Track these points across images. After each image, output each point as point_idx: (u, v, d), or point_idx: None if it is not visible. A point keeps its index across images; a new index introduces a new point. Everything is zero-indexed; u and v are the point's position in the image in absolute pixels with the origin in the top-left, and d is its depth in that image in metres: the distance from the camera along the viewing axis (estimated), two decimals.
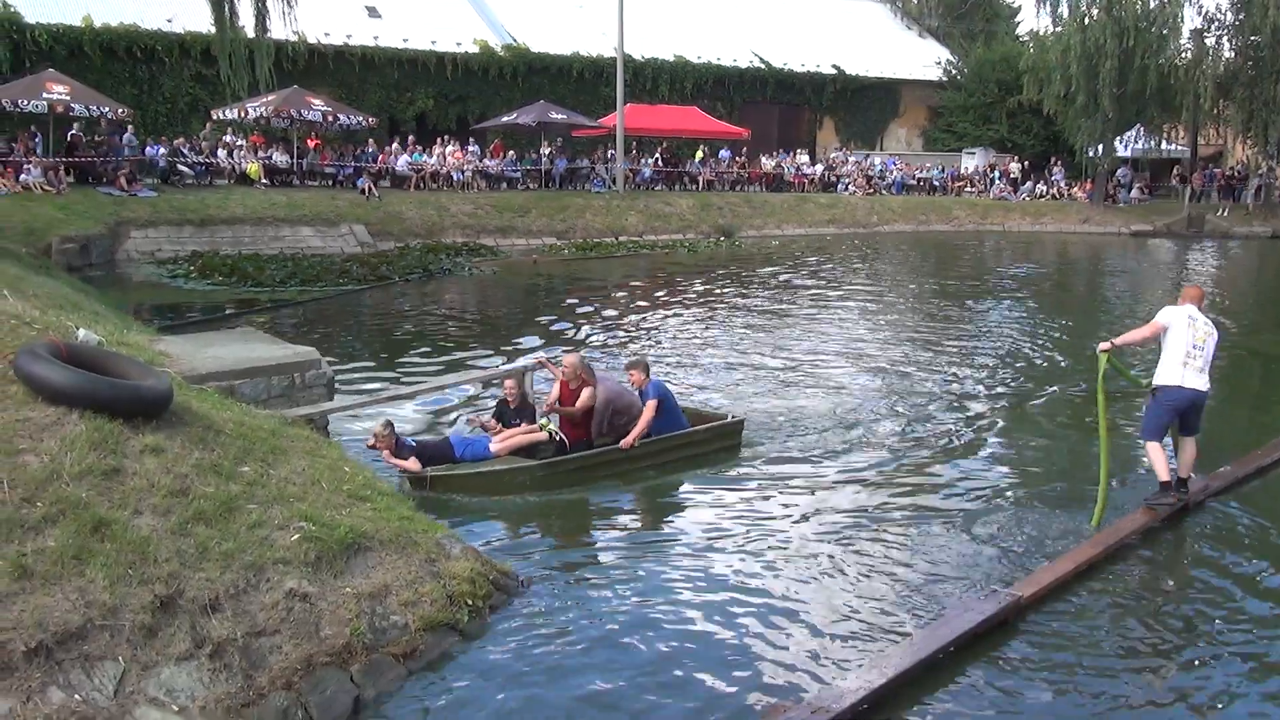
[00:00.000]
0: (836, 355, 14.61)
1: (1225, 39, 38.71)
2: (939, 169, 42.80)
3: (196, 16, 28.10)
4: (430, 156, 32.49)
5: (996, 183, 42.02)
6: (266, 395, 8.88)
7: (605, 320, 17.70)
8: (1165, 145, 41.45)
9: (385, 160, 31.78)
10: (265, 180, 29.08)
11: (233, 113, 29.49)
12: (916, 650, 5.61)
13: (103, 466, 5.61)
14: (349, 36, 36.67)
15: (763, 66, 44.42)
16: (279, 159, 30.34)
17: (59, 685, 4.49)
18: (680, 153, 39.54)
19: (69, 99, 25.96)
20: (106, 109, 26.86)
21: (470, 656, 5.68)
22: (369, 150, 32.08)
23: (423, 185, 31.34)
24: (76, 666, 4.59)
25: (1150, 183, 43.36)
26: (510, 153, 34.62)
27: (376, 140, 33.16)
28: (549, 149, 35.03)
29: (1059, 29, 38.15)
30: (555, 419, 9.25)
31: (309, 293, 19.81)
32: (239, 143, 30.47)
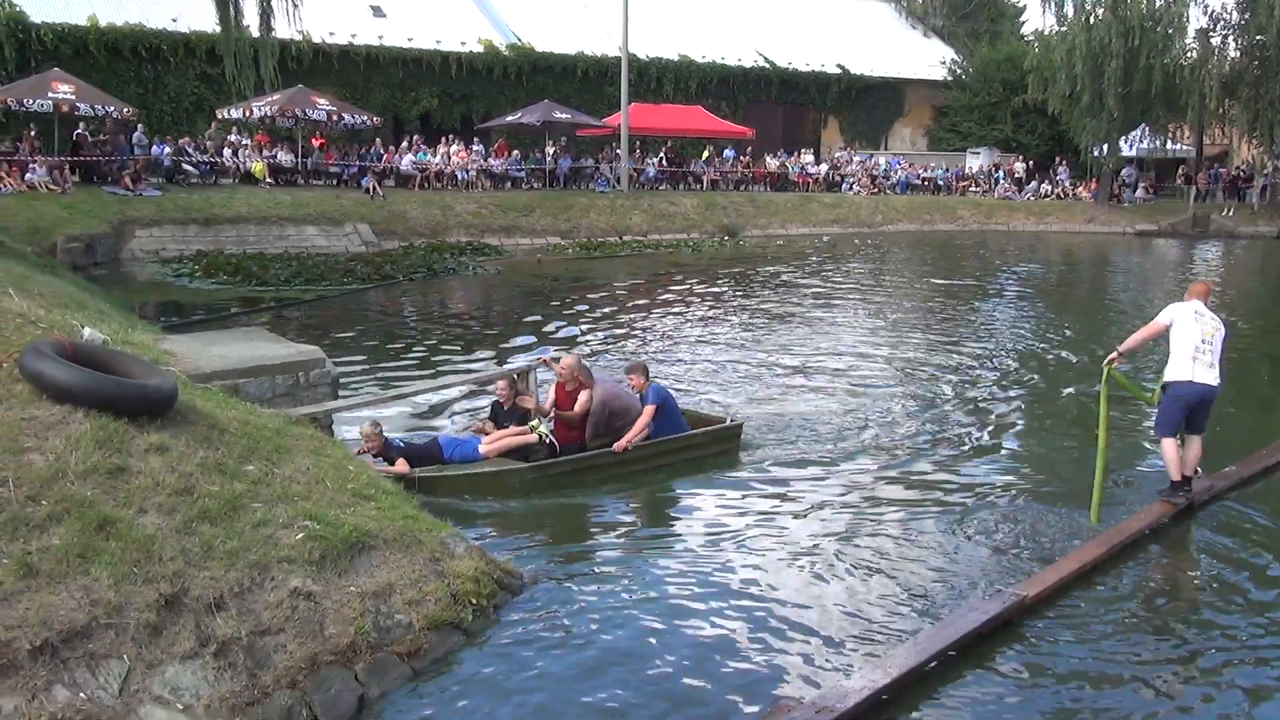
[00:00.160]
0: (840, 355, 14.59)
1: (1231, 38, 38.68)
2: (943, 169, 42.77)
3: (201, 16, 28.17)
4: (435, 156, 32.50)
5: (1001, 182, 41.99)
6: (271, 394, 8.88)
7: (608, 320, 17.69)
8: (1170, 145, 41.44)
9: (390, 160, 31.80)
10: (270, 179, 29.12)
11: (238, 112, 29.54)
12: (921, 650, 5.61)
13: (108, 465, 5.61)
14: (354, 36, 36.72)
15: (767, 66, 44.42)
16: (284, 158, 30.38)
17: (64, 683, 4.49)
18: (685, 152, 39.54)
19: (74, 98, 26.04)
20: (112, 108, 26.92)
21: (474, 655, 5.68)
22: (375, 150, 32.10)
23: (427, 185, 31.37)
24: (81, 665, 4.59)
25: (1155, 182, 43.30)
26: (515, 152, 34.64)
27: (383, 139, 33.20)
28: (553, 148, 35.05)
29: (1064, 28, 38.15)
30: (547, 420, 9.15)
31: (313, 292, 19.83)
32: (244, 142, 30.50)
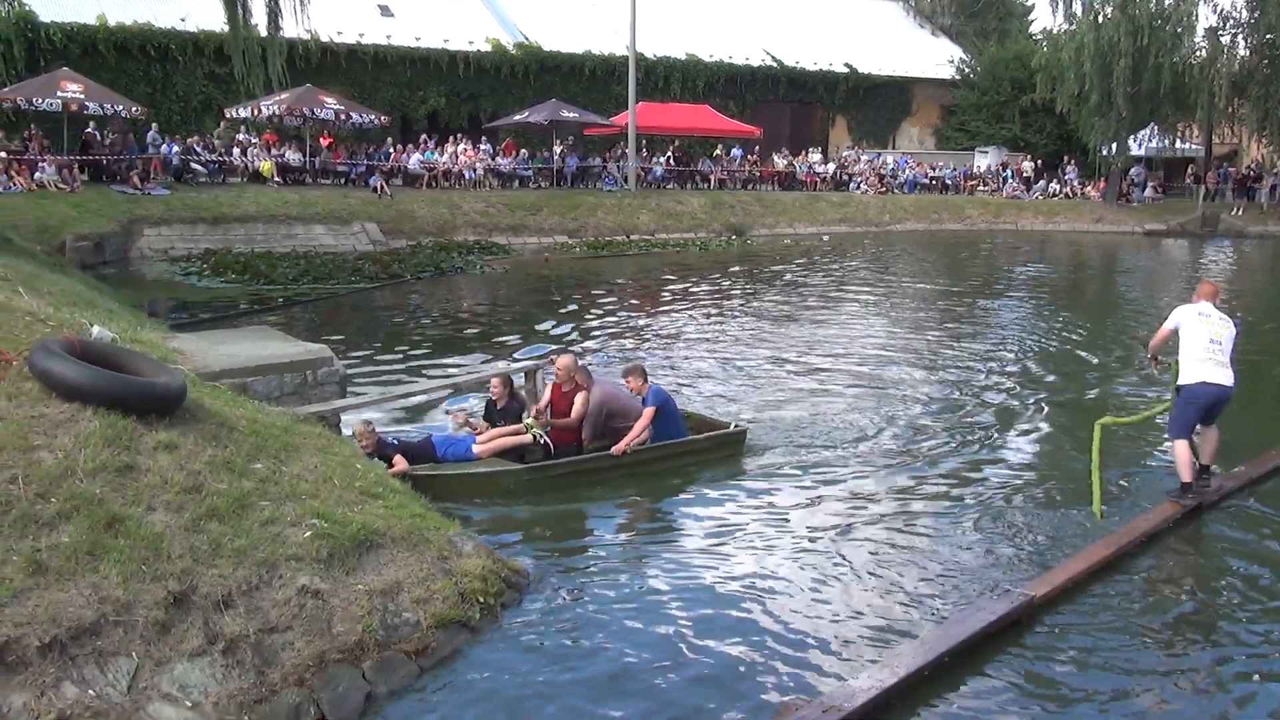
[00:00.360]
0: (846, 355, 14.57)
1: (1240, 37, 38.53)
2: (951, 168, 42.67)
3: (210, 15, 28.19)
4: (442, 155, 32.53)
5: (1009, 182, 41.88)
6: (279, 392, 8.90)
7: (615, 320, 17.70)
8: (1179, 144, 41.26)
9: (398, 159, 31.84)
10: (278, 178, 29.16)
11: (246, 111, 29.57)
12: (928, 649, 5.60)
13: (116, 463, 5.63)
14: (361, 35, 36.72)
15: (775, 65, 44.36)
16: (292, 157, 30.42)
17: (73, 680, 4.51)
18: (692, 151, 39.52)
19: (83, 98, 26.10)
20: (120, 107, 26.98)
21: (482, 654, 5.68)
22: (384, 149, 32.14)
23: (435, 184, 31.39)
24: (90, 662, 4.61)
25: (1164, 182, 43.16)
26: (522, 151, 34.63)
27: (391, 139, 33.25)
28: (561, 147, 35.05)
29: (1072, 27, 37.97)
30: (542, 425, 9.04)
31: (321, 291, 19.87)
32: (252, 141, 30.56)
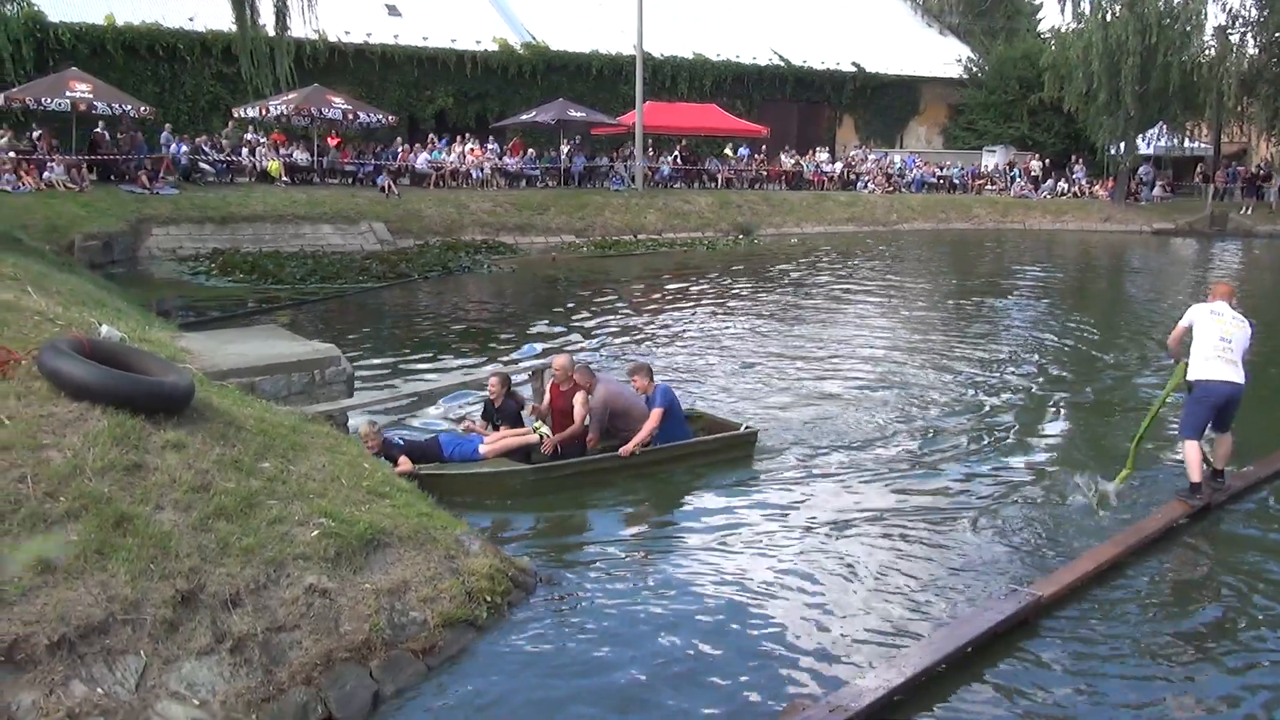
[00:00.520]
0: (855, 355, 14.55)
1: (1249, 36, 38.42)
2: (959, 167, 42.60)
3: (218, 15, 28.25)
4: (450, 155, 32.56)
5: (1017, 181, 41.79)
6: (287, 392, 8.92)
7: (622, 319, 17.70)
8: (1188, 143, 41.18)
9: (405, 158, 31.88)
10: (286, 178, 29.21)
11: (254, 111, 29.64)
12: (936, 649, 5.59)
13: (125, 462, 5.65)
14: (369, 35, 36.79)
15: (782, 64, 44.33)
16: (299, 157, 30.48)
17: (81, 679, 4.52)
18: (700, 150, 39.50)
19: (91, 97, 26.18)
20: (129, 107, 27.05)
21: (489, 653, 5.69)
22: (392, 149, 32.17)
23: (442, 183, 31.42)
24: (99, 660, 4.62)
25: (1173, 181, 43.06)
26: (529, 151, 34.65)
27: (400, 138, 33.28)
28: (568, 147, 35.06)
29: (1081, 26, 37.89)
30: (548, 422, 9.00)
31: (329, 290, 19.90)
32: (260, 141, 30.61)
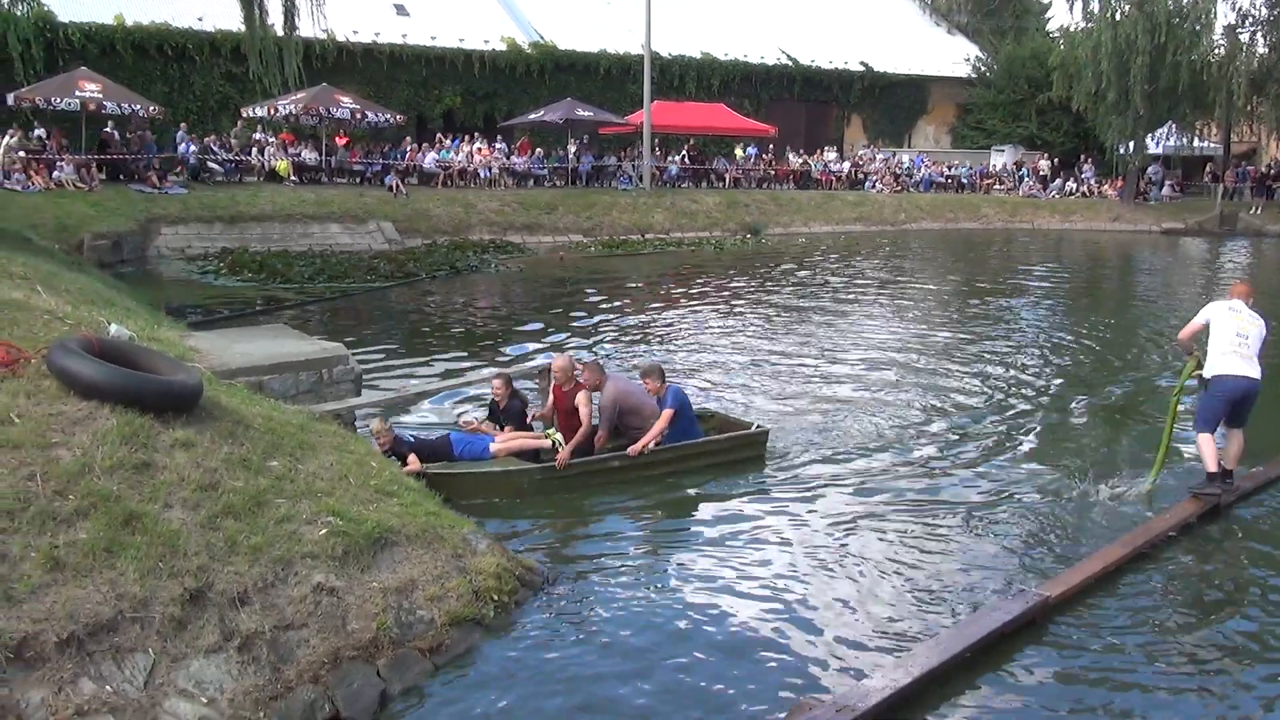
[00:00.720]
0: (865, 354, 14.54)
1: (1259, 35, 38.23)
2: (967, 166, 42.51)
3: (227, 15, 28.26)
4: (458, 154, 32.59)
5: (1026, 180, 41.70)
6: (295, 391, 8.94)
7: (629, 319, 17.70)
8: (1197, 142, 40.96)
9: (413, 158, 31.92)
10: (294, 177, 29.25)
11: (262, 110, 29.68)
12: (943, 649, 5.58)
13: (134, 460, 5.66)
14: (377, 34, 36.82)
15: (790, 63, 44.28)
16: (308, 156, 30.52)
17: (90, 676, 4.54)
18: (708, 150, 39.47)
19: (101, 97, 26.23)
20: (138, 107, 27.12)
21: (496, 652, 5.70)
22: (401, 149, 32.21)
23: (450, 183, 31.44)
24: (107, 658, 4.64)
25: (1182, 180, 42.89)
26: (537, 150, 34.66)
27: (409, 137, 33.32)
28: (576, 146, 35.07)
29: (1090, 25, 37.75)
30: (553, 423, 9.00)
31: (337, 289, 19.93)
32: (269, 140, 30.67)
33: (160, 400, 6.18)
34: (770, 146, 39.74)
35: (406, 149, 32.26)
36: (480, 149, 33.06)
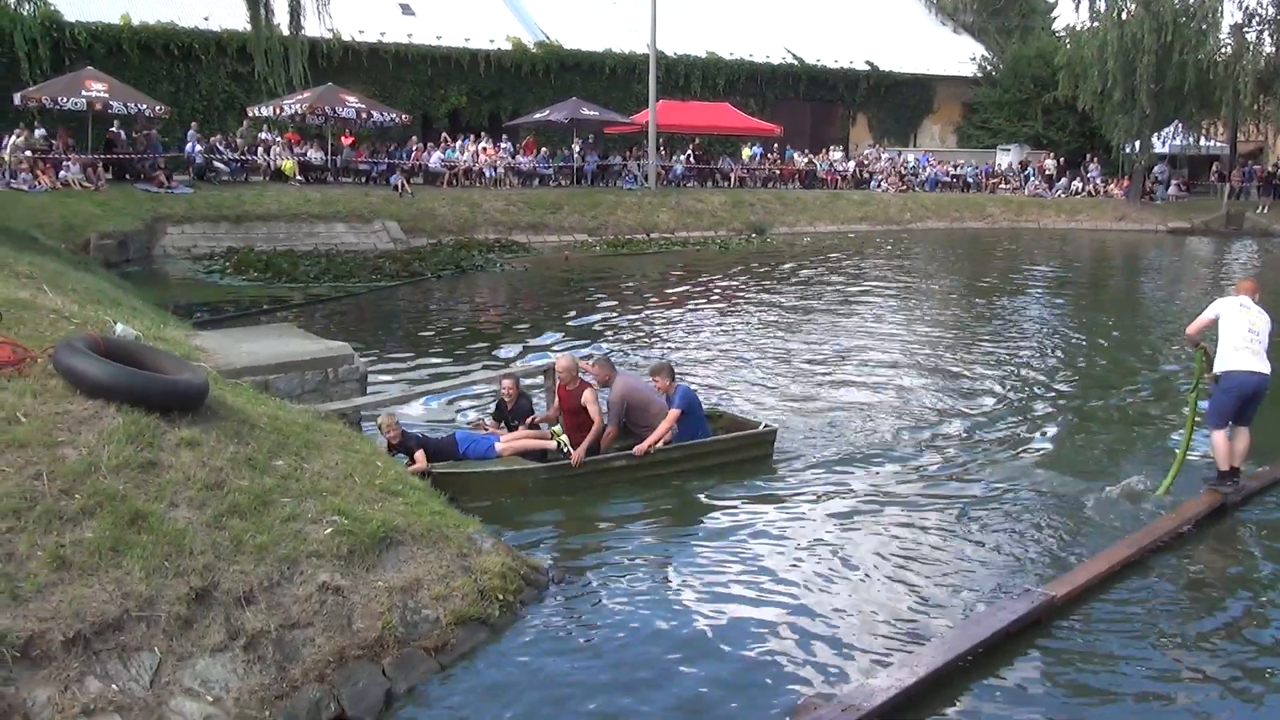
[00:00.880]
0: (872, 354, 14.51)
1: (1266, 34, 38.15)
2: (973, 166, 42.44)
3: (232, 14, 28.34)
4: (463, 154, 32.60)
5: (1031, 180, 41.64)
6: (300, 390, 8.94)
7: (634, 318, 17.69)
8: (1204, 142, 40.90)
9: (419, 157, 31.93)
10: (300, 177, 29.27)
11: (268, 110, 29.72)
12: (948, 649, 5.58)
13: (139, 459, 5.67)
14: (383, 34, 36.87)
15: (795, 63, 44.25)
16: (314, 156, 30.54)
17: (96, 675, 4.55)
18: (713, 149, 39.45)
19: (107, 97, 26.29)
20: (144, 106, 27.16)
21: (501, 651, 5.70)
22: (407, 148, 32.23)
23: (455, 182, 31.46)
24: (113, 657, 4.65)
25: (1188, 180, 42.81)
26: (543, 149, 34.67)
27: (415, 137, 33.35)
28: (581, 146, 35.08)
29: (1096, 24, 37.68)
30: (559, 422, 8.99)
31: (342, 289, 19.95)
32: (275, 140, 30.70)
33: (166, 399, 6.19)
34: (775, 146, 39.70)
35: (412, 148, 32.29)
36: (485, 148, 33.07)
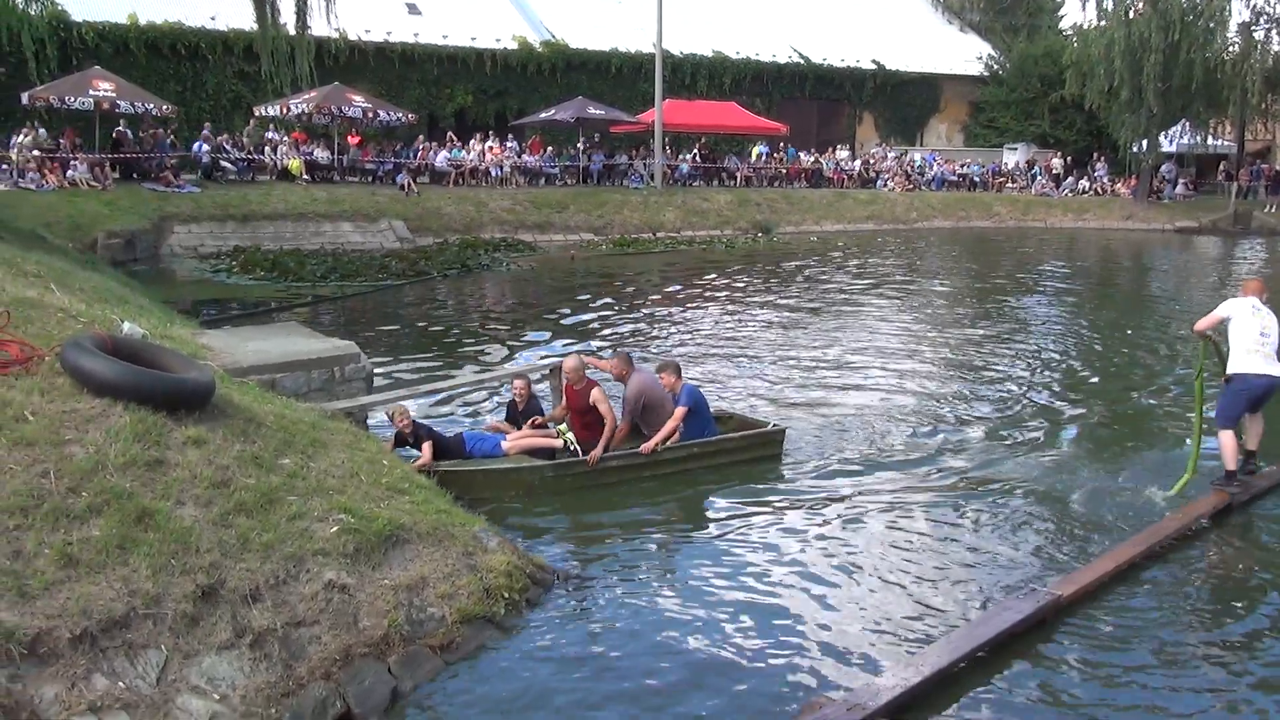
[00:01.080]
0: (879, 354, 14.50)
1: (1274, 32, 38.01)
2: (980, 165, 42.35)
3: (239, 14, 28.43)
4: (469, 153, 32.61)
5: (1038, 179, 41.54)
6: (306, 388, 8.96)
7: (641, 317, 17.70)
8: (1211, 141, 40.73)
9: (425, 156, 31.96)
10: (306, 176, 29.29)
11: (275, 109, 29.74)
12: (954, 649, 5.57)
13: (146, 458, 5.69)
14: (389, 33, 36.88)
15: (801, 62, 44.20)
16: (320, 155, 30.57)
17: (103, 672, 4.56)
18: (719, 148, 39.43)
19: (115, 96, 26.34)
20: (151, 106, 27.22)
21: (506, 649, 5.71)
22: (414, 147, 32.25)
23: (461, 181, 31.47)
24: (120, 654, 4.66)
25: (1195, 179, 42.68)
26: (548, 149, 34.68)
27: (421, 136, 33.37)
28: (586, 145, 35.07)
29: (1103, 23, 37.55)
30: (566, 420, 8.98)
31: (348, 288, 19.98)
32: (281, 139, 30.73)
33: (173, 398, 6.21)
34: (781, 145, 39.67)
35: (418, 148, 32.31)
36: (492, 148, 33.09)
